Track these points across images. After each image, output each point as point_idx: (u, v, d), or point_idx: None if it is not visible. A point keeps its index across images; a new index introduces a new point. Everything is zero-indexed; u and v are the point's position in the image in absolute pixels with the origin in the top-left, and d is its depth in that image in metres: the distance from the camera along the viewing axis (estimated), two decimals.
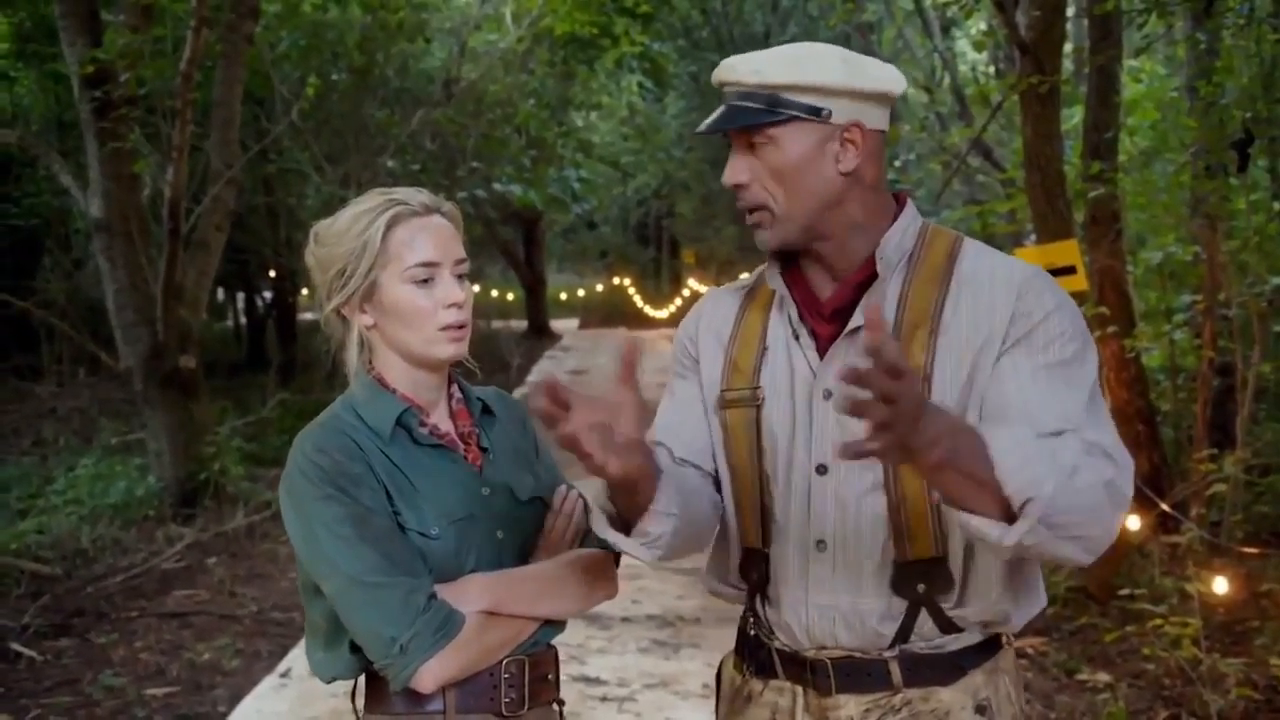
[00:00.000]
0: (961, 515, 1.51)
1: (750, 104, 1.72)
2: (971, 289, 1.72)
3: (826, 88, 1.71)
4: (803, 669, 1.79)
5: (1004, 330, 1.67)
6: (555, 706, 1.87)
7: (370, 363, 1.85)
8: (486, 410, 1.91)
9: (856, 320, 1.74)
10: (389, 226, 1.76)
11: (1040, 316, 1.67)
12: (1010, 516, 1.49)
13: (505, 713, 1.77)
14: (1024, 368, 1.66)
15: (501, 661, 1.76)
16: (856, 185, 1.74)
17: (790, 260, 1.84)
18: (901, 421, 1.37)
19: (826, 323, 1.78)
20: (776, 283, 1.82)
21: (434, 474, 1.79)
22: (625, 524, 1.70)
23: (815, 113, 1.71)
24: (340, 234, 1.78)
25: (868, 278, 1.77)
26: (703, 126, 1.79)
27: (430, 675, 1.68)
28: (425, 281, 1.76)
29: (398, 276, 1.76)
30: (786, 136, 1.72)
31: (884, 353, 1.33)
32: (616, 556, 1.89)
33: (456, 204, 1.88)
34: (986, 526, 1.50)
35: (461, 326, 1.78)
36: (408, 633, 1.66)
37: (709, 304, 1.95)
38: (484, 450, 1.87)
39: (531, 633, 1.79)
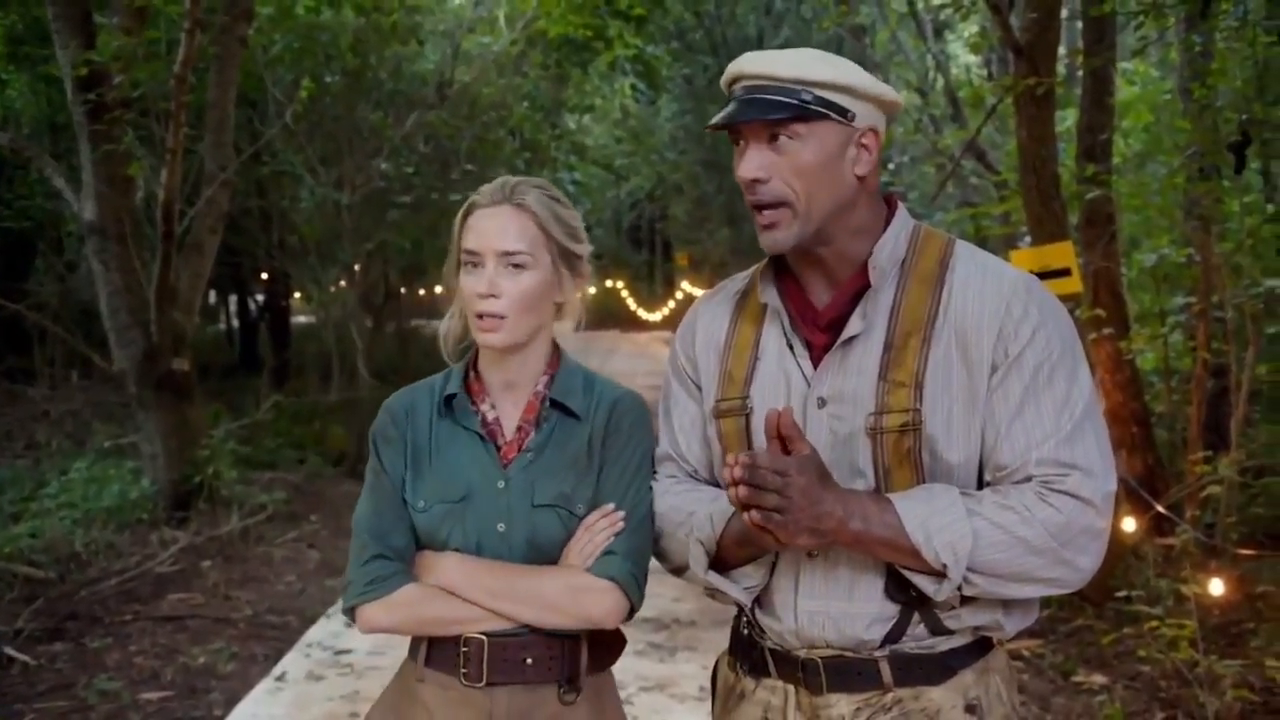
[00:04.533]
0: (902, 571, 1.68)
1: (782, 97, 1.72)
2: (962, 299, 1.74)
3: (857, 90, 1.74)
4: (794, 668, 1.80)
5: (992, 347, 1.70)
6: (554, 688, 1.91)
7: None
8: (567, 411, 1.94)
9: (851, 330, 1.76)
10: (465, 215, 1.93)
11: (1028, 336, 1.70)
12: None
13: (464, 681, 1.90)
14: (1014, 393, 1.69)
15: (463, 635, 1.89)
16: (864, 190, 1.78)
17: (783, 270, 1.86)
18: (792, 509, 1.59)
19: (821, 332, 1.80)
20: (770, 296, 1.84)
21: (456, 454, 1.93)
22: (719, 565, 1.81)
23: (843, 114, 1.74)
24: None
25: (863, 286, 1.79)
26: (722, 117, 1.76)
27: (362, 619, 1.90)
28: (472, 267, 1.89)
29: (461, 260, 1.92)
30: (814, 134, 1.73)
31: (765, 458, 1.60)
32: (627, 593, 1.86)
33: (547, 191, 1.94)
34: (923, 582, 1.68)
35: (497, 317, 1.87)
36: (350, 578, 1.91)
37: (704, 317, 1.96)
38: (526, 450, 1.92)
39: (500, 624, 1.88)
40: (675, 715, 4.50)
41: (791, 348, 1.82)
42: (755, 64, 1.75)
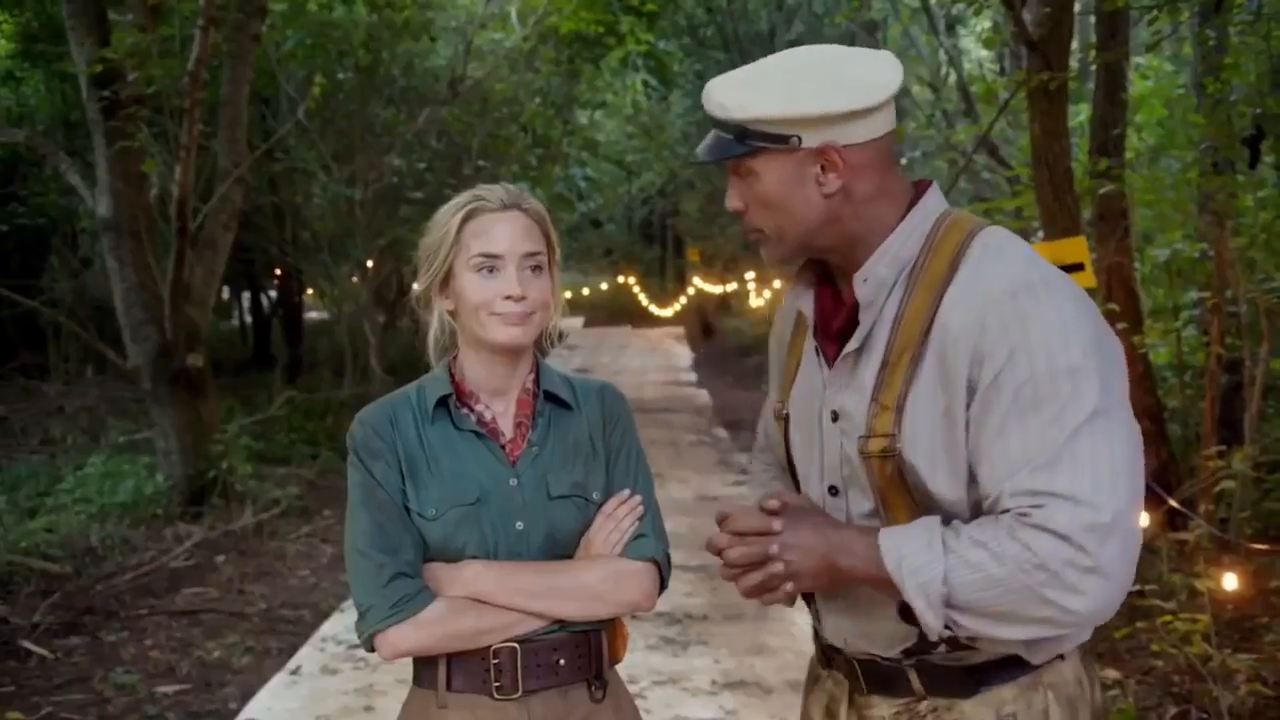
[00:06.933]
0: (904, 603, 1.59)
1: (725, 134, 1.68)
2: (949, 313, 1.59)
3: (787, 118, 1.62)
4: (844, 665, 1.81)
5: (967, 370, 1.55)
6: (583, 687, 1.89)
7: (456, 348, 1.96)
8: (560, 402, 1.95)
9: (850, 344, 1.68)
10: (465, 219, 1.88)
11: (1004, 357, 1.52)
12: None
13: (496, 696, 1.83)
14: (993, 419, 1.54)
15: (491, 647, 1.83)
16: (847, 202, 1.65)
17: (823, 270, 1.80)
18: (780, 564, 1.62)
19: (832, 342, 1.74)
20: (804, 300, 1.79)
21: (460, 458, 1.87)
22: None
23: (783, 141, 1.63)
24: (433, 225, 1.92)
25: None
26: (696, 156, 1.76)
27: (386, 645, 1.80)
28: (489, 271, 1.85)
29: (465, 264, 1.86)
30: (761, 166, 1.66)
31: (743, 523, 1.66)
32: (660, 572, 1.91)
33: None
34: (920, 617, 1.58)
35: (524, 314, 1.85)
36: (368, 602, 1.80)
37: (783, 310, 1.93)
38: (531, 444, 1.91)
39: (531, 626, 1.84)
40: (688, 709, 4.51)
41: (818, 354, 1.77)
42: (709, 96, 1.70)
